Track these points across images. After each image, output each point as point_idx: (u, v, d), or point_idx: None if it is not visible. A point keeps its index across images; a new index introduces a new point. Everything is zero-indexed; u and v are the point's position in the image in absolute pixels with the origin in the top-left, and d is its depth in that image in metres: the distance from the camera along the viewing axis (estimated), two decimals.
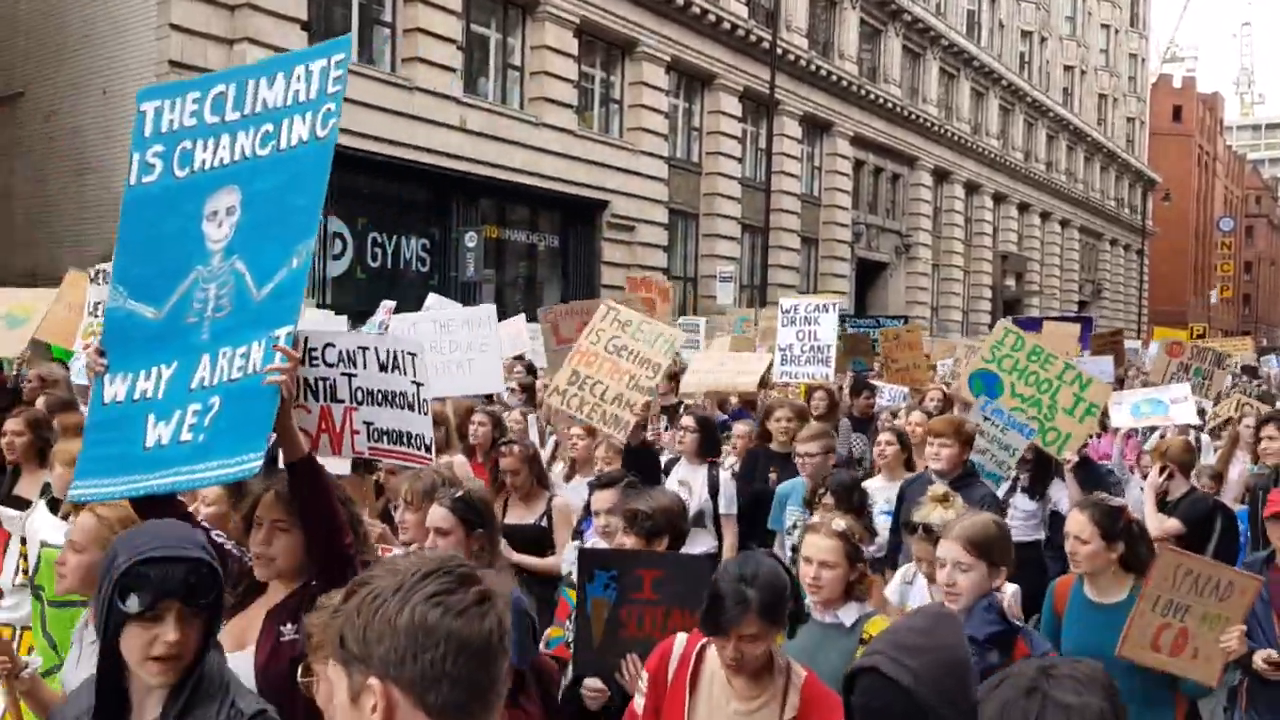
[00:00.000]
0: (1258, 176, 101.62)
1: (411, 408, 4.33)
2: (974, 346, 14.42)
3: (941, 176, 42.09)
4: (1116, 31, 58.75)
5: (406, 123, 20.82)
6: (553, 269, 26.24)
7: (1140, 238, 62.17)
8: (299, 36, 18.97)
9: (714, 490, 6.90)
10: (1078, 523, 4.23)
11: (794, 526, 6.27)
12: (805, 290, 34.38)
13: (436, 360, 7.67)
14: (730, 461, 7.98)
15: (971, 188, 44.36)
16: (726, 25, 28.94)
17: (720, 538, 6.87)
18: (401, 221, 22.42)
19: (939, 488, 4.76)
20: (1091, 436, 11.28)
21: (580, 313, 7.72)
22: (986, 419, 7.25)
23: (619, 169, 26.19)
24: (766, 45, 29.00)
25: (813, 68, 32.62)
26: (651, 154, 27.29)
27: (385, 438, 4.41)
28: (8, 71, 20.55)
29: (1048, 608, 4.56)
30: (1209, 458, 9.77)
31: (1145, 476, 8.39)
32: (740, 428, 8.38)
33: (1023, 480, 7.12)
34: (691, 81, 29.71)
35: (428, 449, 4.38)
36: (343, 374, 4.33)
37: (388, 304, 12.83)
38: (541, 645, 4.64)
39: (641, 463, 6.33)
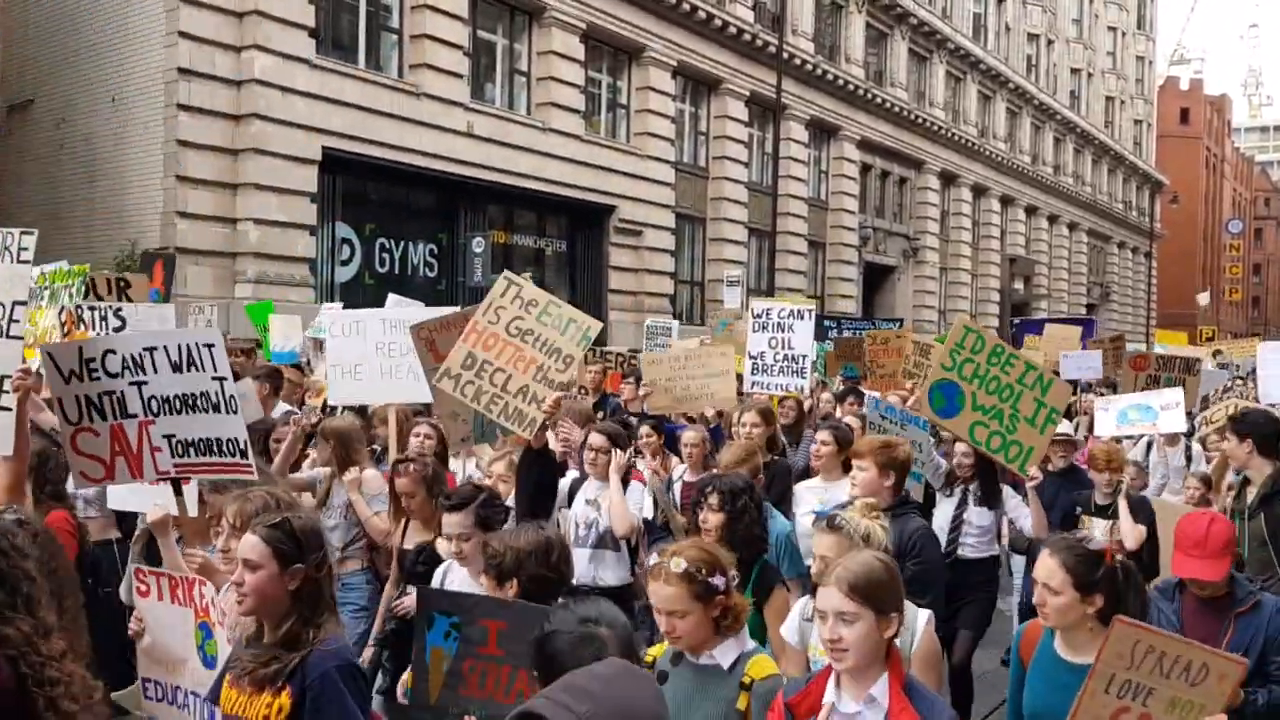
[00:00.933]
0: (1266, 178, 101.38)
1: (218, 408, 3.84)
2: (928, 347, 13.64)
3: (949, 180, 42.07)
4: (1123, 34, 58.68)
5: (414, 128, 20.90)
6: (560, 274, 26.30)
7: (1148, 240, 62.05)
8: (306, 43, 19.09)
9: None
10: (1047, 568, 3.49)
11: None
12: (814, 294, 34.40)
13: (378, 364, 7.25)
14: (681, 472, 7.33)
15: (979, 191, 44.33)
16: (732, 30, 29.00)
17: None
18: (409, 227, 22.50)
19: (868, 502, 4.21)
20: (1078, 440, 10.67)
21: (458, 325, 6.39)
22: (883, 417, 7.14)
23: (626, 174, 26.25)
24: (772, 49, 29.08)
25: (819, 72, 32.66)
26: (658, 158, 27.35)
27: (192, 449, 3.95)
28: (18, 79, 20.70)
29: (1014, 656, 3.91)
30: (1200, 467, 9.42)
31: (1132, 488, 8.29)
32: (690, 435, 7.61)
33: (974, 491, 6.79)
34: (698, 86, 29.76)
35: (244, 454, 3.91)
36: (131, 384, 3.86)
37: (335, 305, 12.48)
38: (400, 692, 4.11)
39: (540, 474, 5.52)
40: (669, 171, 27.79)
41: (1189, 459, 9.85)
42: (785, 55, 29.52)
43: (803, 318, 10.05)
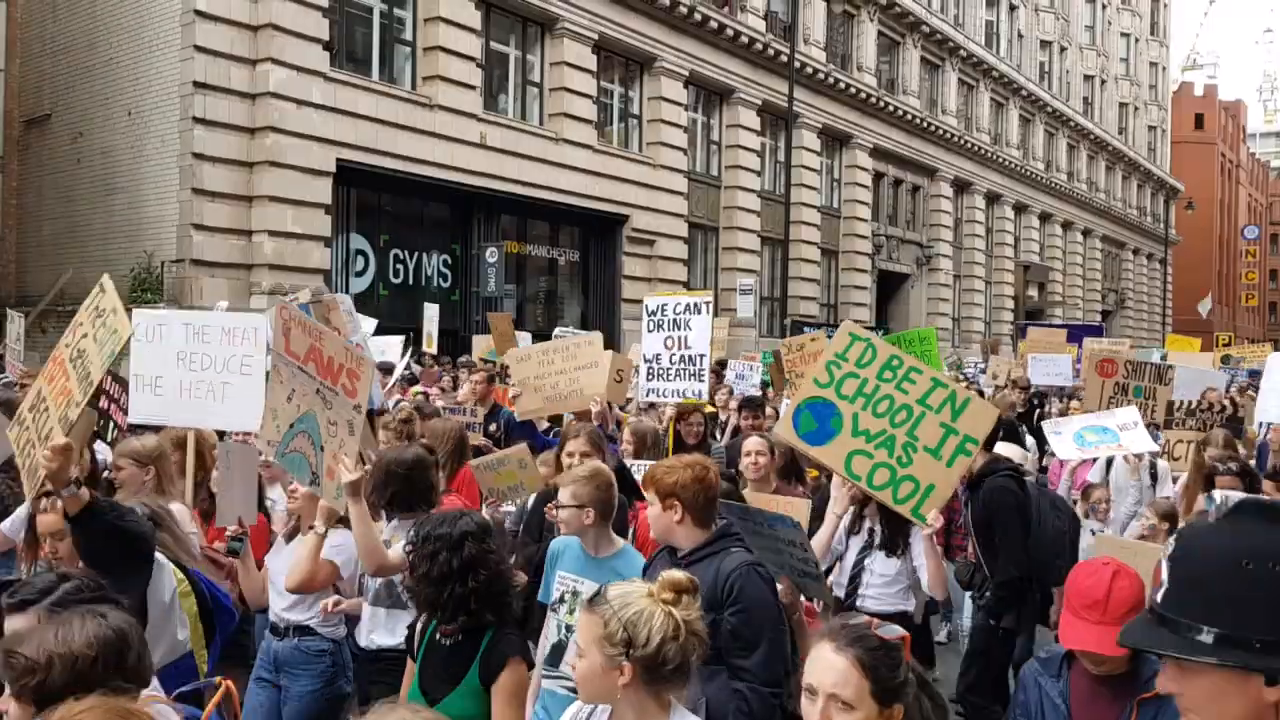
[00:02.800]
0: None
1: None
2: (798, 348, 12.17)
3: (962, 187, 42.01)
4: (1137, 40, 58.52)
5: (427, 140, 21.02)
6: (573, 284, 26.37)
7: (1163, 246, 61.81)
8: (321, 57, 19.21)
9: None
10: (835, 671, 2.40)
11: (562, 599, 4.33)
12: (827, 304, 34.40)
13: (182, 378, 5.89)
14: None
15: (992, 198, 44.25)
16: (744, 39, 29.06)
17: None
18: (423, 238, 22.61)
19: (672, 575, 2.76)
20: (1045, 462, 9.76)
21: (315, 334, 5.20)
22: None
23: (639, 183, 26.31)
24: (784, 59, 29.12)
25: (831, 80, 32.69)
26: (671, 168, 27.40)
27: None
28: (36, 94, 20.89)
29: None
30: (1166, 489, 8.23)
31: (1098, 517, 7.62)
32: (549, 455, 6.42)
33: (878, 534, 5.47)
34: (710, 96, 29.81)
35: None
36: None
37: (221, 304, 12.28)
38: None
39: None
40: (682, 181, 27.84)
41: (1154, 478, 8.65)
42: (797, 64, 29.56)
43: (700, 312, 8.77)
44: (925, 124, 38.22)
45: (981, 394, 13.80)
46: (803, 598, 4.38)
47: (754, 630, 3.69)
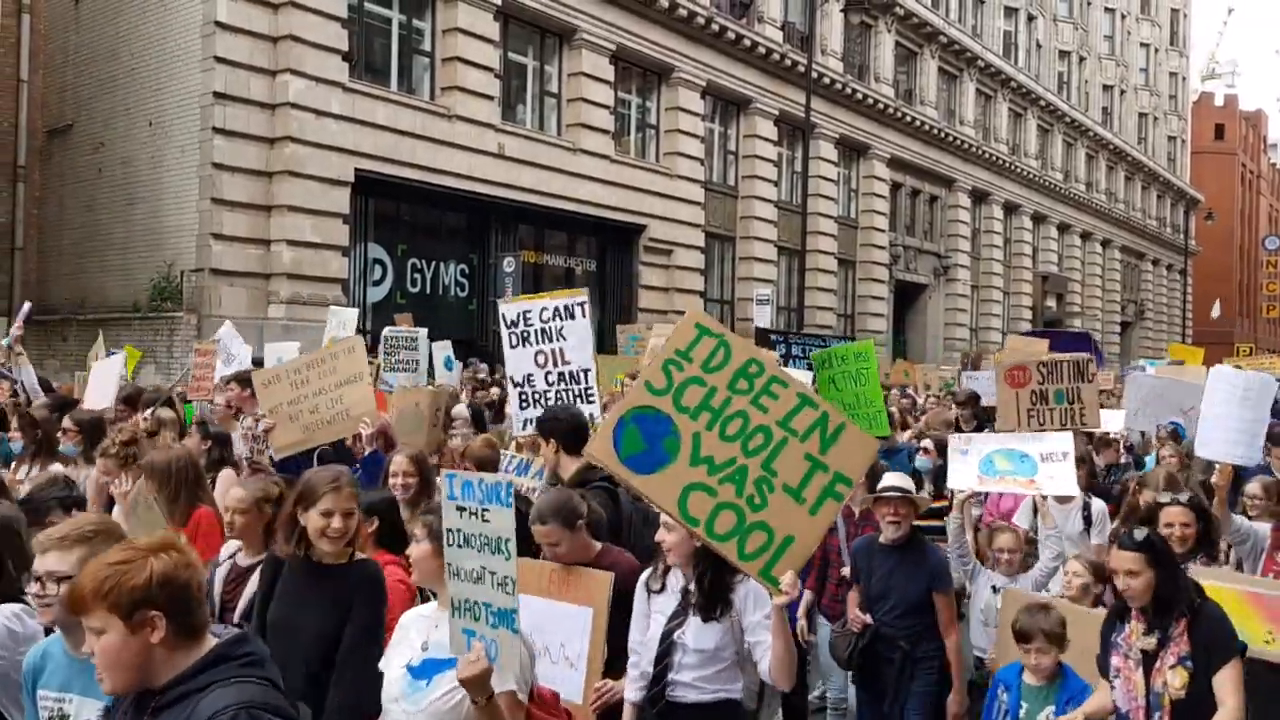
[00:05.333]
0: None
1: None
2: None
3: (980, 198, 41.89)
4: (1156, 50, 58.30)
5: (445, 150, 21.08)
6: (590, 294, 26.33)
7: (1183, 257, 61.45)
8: (340, 67, 19.31)
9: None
10: None
11: None
12: (844, 314, 34.32)
13: None
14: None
15: (1010, 208, 44.10)
16: (761, 50, 29.07)
17: None
18: (440, 247, 22.67)
19: None
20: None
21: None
22: None
23: (656, 193, 26.33)
24: (802, 69, 29.09)
25: (848, 91, 32.66)
26: (688, 178, 27.42)
27: None
28: (58, 104, 21.07)
29: None
30: (1105, 533, 6.75)
31: (1003, 567, 6.14)
32: (400, 461, 5.95)
33: (693, 593, 4.16)
34: (727, 106, 29.83)
35: None
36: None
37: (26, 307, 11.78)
38: None
39: None
40: (699, 191, 27.85)
41: (1088, 522, 6.99)
42: (814, 74, 29.52)
43: (573, 315, 7.19)
44: (943, 134, 38.14)
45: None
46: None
47: None
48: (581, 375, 7.02)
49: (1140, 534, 4.29)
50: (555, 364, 7.09)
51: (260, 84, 18.49)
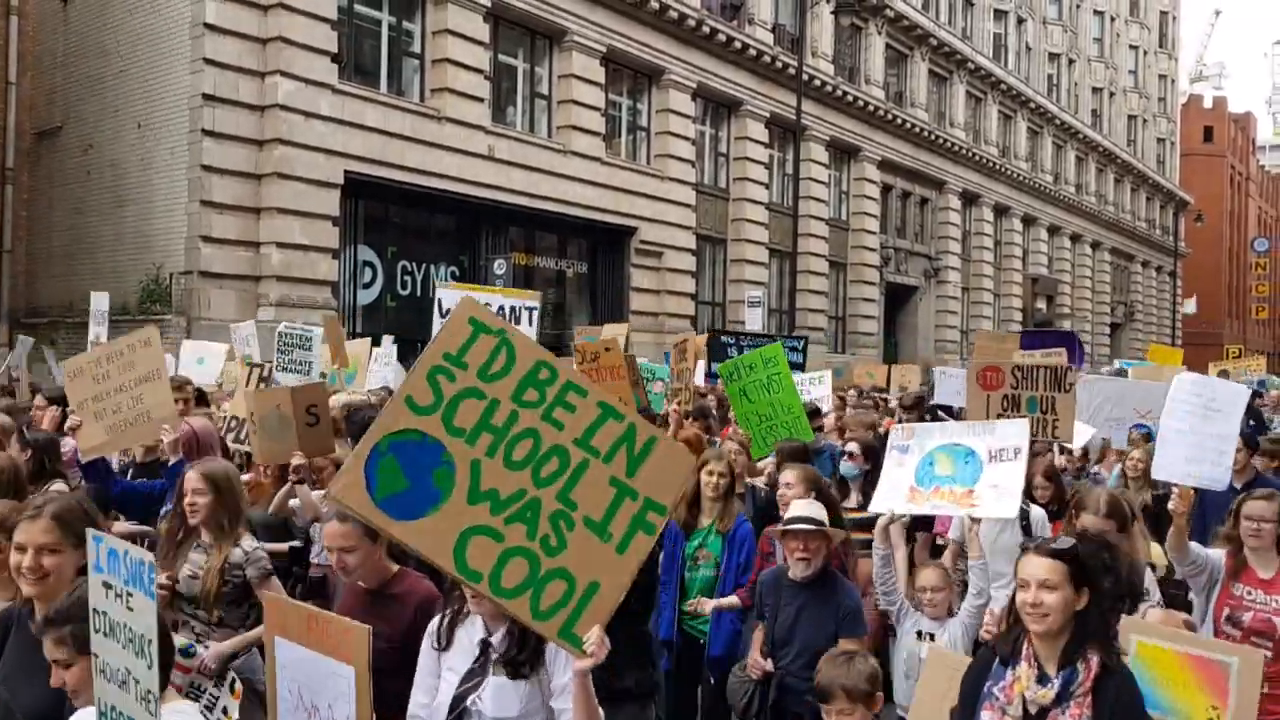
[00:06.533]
0: None
1: None
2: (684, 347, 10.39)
3: (970, 200, 41.97)
4: (1145, 52, 58.53)
5: (435, 152, 21.05)
6: (581, 295, 26.38)
7: (1172, 259, 61.67)
8: (329, 69, 19.27)
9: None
10: None
11: None
12: (835, 316, 34.33)
13: None
14: None
15: (1000, 210, 44.20)
16: (752, 52, 29.09)
17: None
18: (431, 250, 22.62)
19: None
20: None
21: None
22: None
23: (647, 196, 26.32)
24: (792, 71, 29.13)
25: (839, 93, 32.70)
26: (679, 180, 27.42)
27: None
28: (47, 106, 20.98)
29: None
30: None
31: (928, 609, 5.15)
32: (191, 478, 5.29)
33: (495, 645, 3.42)
34: (718, 108, 29.85)
35: None
36: None
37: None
38: None
39: None
40: (689, 193, 27.85)
41: (1027, 532, 6.19)
42: (805, 76, 29.54)
43: (518, 320, 6.57)
44: (933, 136, 38.21)
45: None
46: None
47: None
48: None
49: (1066, 542, 3.45)
50: None
51: (249, 86, 18.44)
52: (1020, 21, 46.12)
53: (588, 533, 3.09)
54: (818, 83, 31.37)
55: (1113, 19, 54.52)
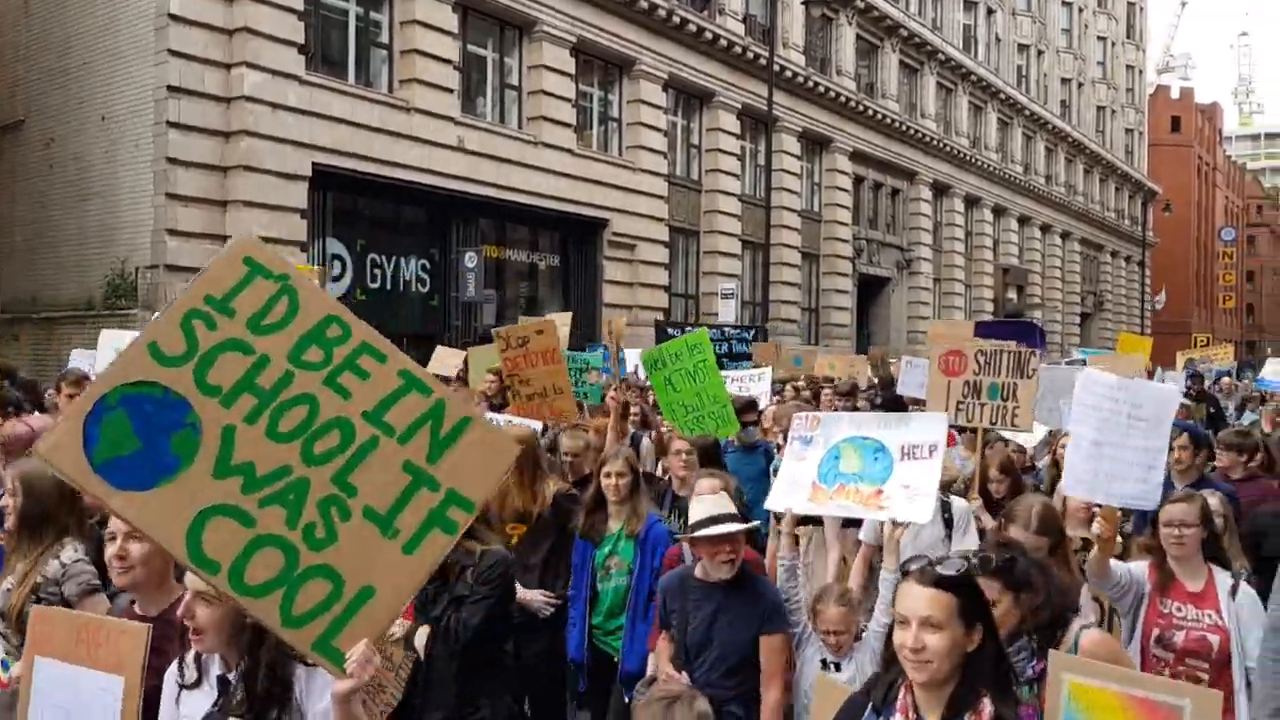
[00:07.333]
0: (1258, 186, 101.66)
1: None
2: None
3: (941, 191, 42.12)
4: (1113, 44, 58.91)
5: (404, 143, 20.87)
6: (554, 288, 26.26)
7: (1141, 249, 62.18)
8: (296, 60, 19.06)
9: None
10: None
11: None
12: (809, 308, 34.38)
13: None
14: None
15: (971, 201, 44.39)
16: (723, 43, 29.03)
17: None
18: (400, 242, 22.44)
19: None
20: None
21: None
22: None
23: (619, 187, 26.22)
24: (764, 62, 29.08)
25: (810, 84, 32.70)
26: (651, 172, 27.33)
27: None
28: (9, 99, 20.65)
29: None
30: (971, 542, 5.57)
31: (823, 644, 4.52)
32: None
33: (236, 690, 2.94)
34: (690, 99, 29.78)
35: None
36: None
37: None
38: None
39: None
40: (662, 185, 27.78)
41: (949, 524, 5.79)
42: (776, 68, 29.51)
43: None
44: (904, 127, 38.30)
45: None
46: None
47: None
48: None
49: (954, 564, 2.74)
50: None
51: (215, 77, 18.21)
52: (990, 13, 46.32)
53: (367, 525, 2.61)
54: (789, 74, 31.35)
55: (1081, 10, 54.83)
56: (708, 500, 4.49)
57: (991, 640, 2.71)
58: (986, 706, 2.62)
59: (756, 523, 4.85)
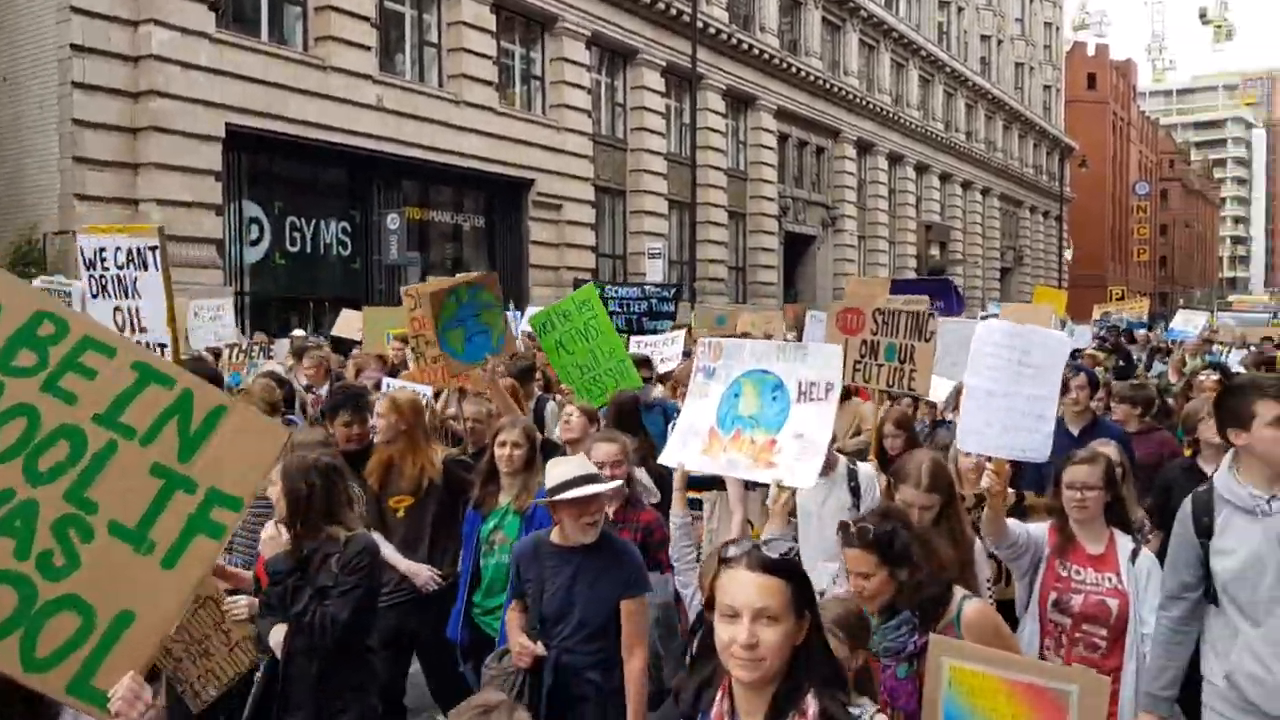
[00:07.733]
0: (1170, 141, 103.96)
1: None
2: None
3: (865, 148, 42.37)
4: (1031, 0, 59.59)
5: (321, 103, 20.38)
6: (479, 249, 25.94)
7: (1059, 204, 63.31)
8: (205, 17, 18.47)
9: None
10: None
11: None
12: (736, 267, 34.43)
13: None
14: None
15: (894, 159, 44.74)
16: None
17: None
18: (320, 205, 21.97)
19: None
20: None
21: None
22: None
23: (543, 147, 25.92)
24: (687, 19, 28.90)
25: (734, 41, 32.57)
26: (575, 131, 27.06)
27: None
28: None
29: None
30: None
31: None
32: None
33: None
34: (614, 57, 29.48)
35: None
36: None
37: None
38: None
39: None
40: (587, 144, 27.52)
41: (855, 493, 5.23)
42: (700, 25, 29.35)
43: (145, 266, 5.63)
44: (828, 85, 38.38)
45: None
46: None
47: None
48: (159, 351, 5.07)
49: (780, 545, 2.41)
50: (134, 329, 5.38)
51: (121, 35, 17.59)
52: None
53: (116, 544, 2.33)
54: (713, 30, 31.18)
55: None
56: (569, 462, 4.33)
57: (817, 632, 2.38)
58: (811, 704, 2.29)
59: (618, 483, 4.69)
